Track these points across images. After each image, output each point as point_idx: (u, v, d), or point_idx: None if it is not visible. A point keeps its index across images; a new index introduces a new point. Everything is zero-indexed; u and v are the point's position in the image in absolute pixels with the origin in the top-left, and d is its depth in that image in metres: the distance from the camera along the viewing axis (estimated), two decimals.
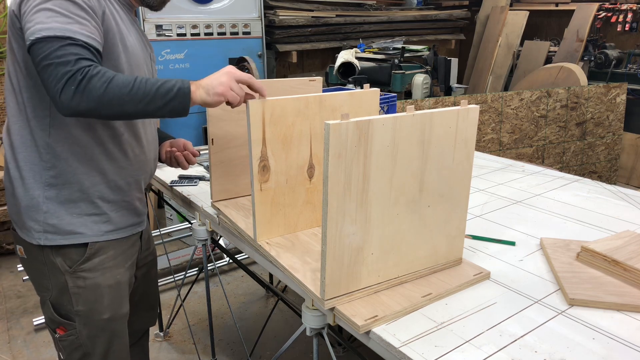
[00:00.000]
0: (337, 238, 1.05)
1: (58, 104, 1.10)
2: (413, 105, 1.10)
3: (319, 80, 1.69)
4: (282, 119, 1.32)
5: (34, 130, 1.26)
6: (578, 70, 4.32)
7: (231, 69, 1.24)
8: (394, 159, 1.08)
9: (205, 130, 4.04)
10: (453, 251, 1.29)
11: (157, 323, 2.35)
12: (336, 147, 0.98)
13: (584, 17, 5.00)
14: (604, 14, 5.06)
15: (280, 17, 4.54)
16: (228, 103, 1.24)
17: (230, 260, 3.22)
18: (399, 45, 4.41)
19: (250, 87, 1.26)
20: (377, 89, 1.49)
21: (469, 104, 1.16)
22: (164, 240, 3.07)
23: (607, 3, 5.06)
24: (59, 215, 1.29)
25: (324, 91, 1.72)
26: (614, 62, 4.65)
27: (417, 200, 1.16)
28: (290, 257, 1.32)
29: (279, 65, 5.12)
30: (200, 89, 1.20)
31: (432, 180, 1.17)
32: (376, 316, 1.07)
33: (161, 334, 2.58)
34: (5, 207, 3.25)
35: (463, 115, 1.15)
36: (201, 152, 2.40)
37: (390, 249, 1.16)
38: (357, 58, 3.80)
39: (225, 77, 1.21)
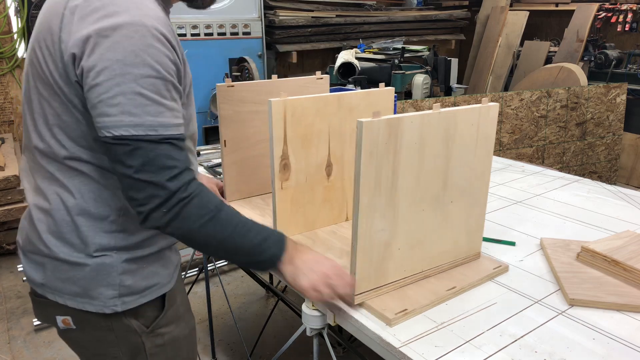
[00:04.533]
0: (367, 234, 1.07)
1: (143, 222, 0.96)
2: (439, 103, 1.13)
3: (326, 78, 1.71)
4: (303, 117, 1.34)
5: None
6: (578, 71, 4.32)
7: (335, 268, 1.08)
8: (421, 155, 1.10)
9: (206, 130, 4.05)
10: (473, 245, 1.31)
11: None
12: (368, 144, 1.00)
13: (584, 17, 5.00)
14: (604, 14, 5.06)
15: (280, 18, 4.54)
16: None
17: None
18: (399, 46, 4.41)
19: (340, 298, 1.11)
20: (392, 88, 1.51)
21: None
22: None
23: (607, 3, 5.07)
24: (134, 271, 1.08)
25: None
26: (614, 62, 4.65)
27: (441, 196, 1.18)
28: None
29: (279, 66, 5.13)
30: (290, 266, 1.07)
31: (455, 177, 1.19)
32: (406, 310, 1.10)
33: None
34: (5, 207, 3.25)
35: (484, 112, 1.18)
36: (201, 153, 2.40)
37: (415, 244, 1.18)
38: (357, 58, 3.80)
39: (319, 275, 1.06)
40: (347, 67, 3.69)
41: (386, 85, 1.50)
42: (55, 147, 1.00)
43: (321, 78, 1.70)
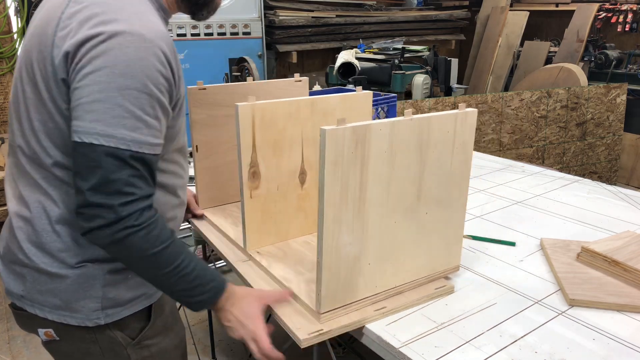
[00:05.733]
0: (333, 249, 1.02)
1: (83, 234, 0.92)
2: (411, 110, 1.06)
3: (305, 80, 1.65)
4: (273, 123, 1.28)
5: None
6: (578, 71, 4.32)
7: (261, 330, 1.07)
8: (392, 165, 1.05)
9: None
10: (451, 258, 1.25)
11: None
12: (332, 154, 0.95)
13: (584, 18, 5.00)
14: (604, 14, 5.07)
15: (281, 18, 4.54)
16: None
17: None
18: (399, 46, 4.41)
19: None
20: (370, 92, 1.46)
21: (469, 105, 1.15)
22: None
23: (607, 3, 5.07)
24: (118, 283, 1.04)
25: (324, 92, 1.71)
26: (614, 63, 4.65)
27: (415, 207, 1.13)
28: (282, 267, 1.28)
29: (279, 66, 5.13)
30: (221, 314, 1.08)
31: (430, 186, 1.13)
32: (321, 330, 1.04)
33: None
34: (5, 207, 3.25)
35: (461, 118, 1.12)
36: None
37: (387, 258, 1.12)
38: (357, 58, 3.80)
39: (246, 332, 1.07)
40: (347, 67, 3.69)
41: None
42: (41, 154, 0.97)
43: (300, 80, 1.63)
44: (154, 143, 0.92)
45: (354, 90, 1.47)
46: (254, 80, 1.64)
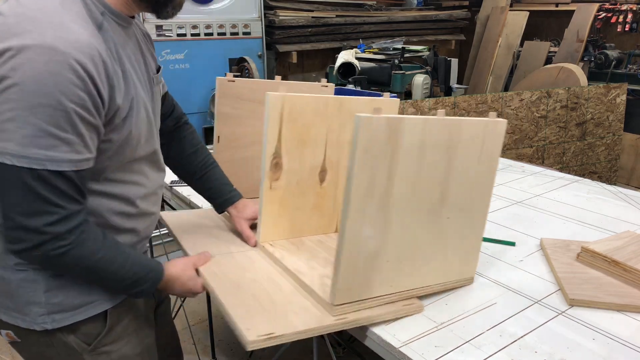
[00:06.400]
0: (354, 239, 1.00)
1: (12, 253, 0.94)
2: (444, 110, 1.06)
3: (331, 86, 1.65)
4: (301, 116, 1.28)
5: None
6: (578, 71, 4.32)
7: (191, 275, 1.16)
8: (420, 162, 1.03)
9: (205, 130, 4.05)
10: (467, 269, 1.23)
11: None
12: (365, 142, 0.93)
13: (584, 18, 5.00)
14: (604, 14, 5.06)
15: (281, 18, 4.54)
16: None
17: None
18: (399, 46, 4.41)
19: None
20: (397, 99, 1.46)
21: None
22: (164, 240, 3.06)
23: (607, 3, 5.07)
24: (64, 287, 1.02)
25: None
26: (614, 63, 4.65)
27: (438, 210, 1.11)
28: (296, 260, 1.27)
29: (279, 66, 5.12)
30: (167, 290, 1.15)
31: (454, 192, 1.12)
32: (272, 334, 1.01)
33: None
34: None
35: (491, 127, 1.11)
36: None
37: (405, 258, 1.10)
38: (357, 58, 3.80)
39: (187, 284, 1.16)
40: (347, 67, 3.69)
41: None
42: None
43: (326, 86, 1.63)
44: (76, 159, 0.88)
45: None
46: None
